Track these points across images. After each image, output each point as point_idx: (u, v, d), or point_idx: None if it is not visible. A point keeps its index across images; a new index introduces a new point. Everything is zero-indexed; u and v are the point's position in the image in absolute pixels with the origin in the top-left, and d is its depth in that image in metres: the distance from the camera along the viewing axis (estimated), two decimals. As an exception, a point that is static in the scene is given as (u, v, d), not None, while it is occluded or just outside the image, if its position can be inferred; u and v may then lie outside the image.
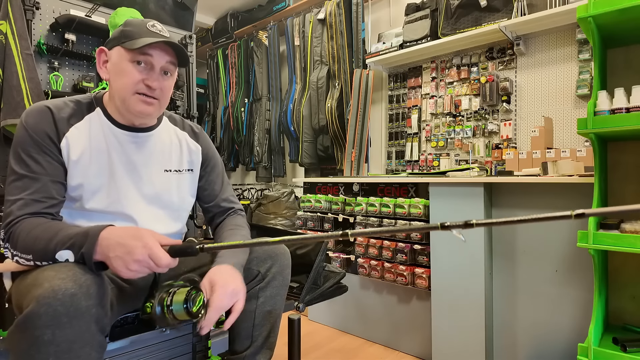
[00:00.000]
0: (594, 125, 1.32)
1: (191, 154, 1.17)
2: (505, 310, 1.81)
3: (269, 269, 1.11)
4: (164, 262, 0.79)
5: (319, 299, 1.30)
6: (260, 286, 1.11)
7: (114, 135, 1.02)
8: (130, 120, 1.03)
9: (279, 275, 1.11)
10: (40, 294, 0.71)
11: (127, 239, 0.78)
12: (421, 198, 2.00)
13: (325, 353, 2.10)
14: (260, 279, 1.11)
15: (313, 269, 1.26)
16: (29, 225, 0.85)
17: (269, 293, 1.11)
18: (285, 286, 1.15)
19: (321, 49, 3.16)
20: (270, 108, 3.71)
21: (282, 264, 1.12)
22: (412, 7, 2.67)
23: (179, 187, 1.12)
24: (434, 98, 2.68)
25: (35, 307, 0.70)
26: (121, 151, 1.02)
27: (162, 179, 1.09)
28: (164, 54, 0.98)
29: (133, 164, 1.04)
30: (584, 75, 2.08)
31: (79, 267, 0.79)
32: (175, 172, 1.12)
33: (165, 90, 1.00)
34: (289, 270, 1.14)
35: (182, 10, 2.62)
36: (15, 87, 1.88)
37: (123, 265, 0.77)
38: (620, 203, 1.56)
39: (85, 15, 2.13)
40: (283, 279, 1.12)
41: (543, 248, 1.69)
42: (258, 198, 3.85)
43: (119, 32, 0.98)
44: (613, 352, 1.28)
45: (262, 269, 1.11)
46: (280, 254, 1.13)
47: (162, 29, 1.00)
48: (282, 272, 1.12)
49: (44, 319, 0.70)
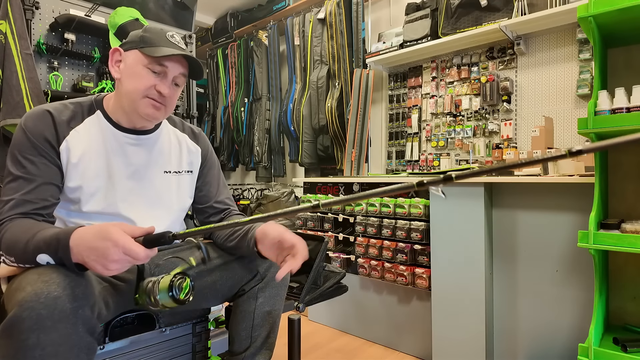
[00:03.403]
0: (595, 125, 1.32)
1: (190, 154, 1.17)
2: (506, 311, 1.81)
3: (268, 269, 1.11)
4: (141, 255, 0.76)
5: (319, 299, 1.29)
6: (259, 286, 1.10)
7: (115, 137, 1.02)
8: (132, 122, 1.03)
9: None
10: (23, 298, 0.70)
11: (96, 242, 0.75)
12: (421, 198, 2.00)
13: (325, 353, 2.10)
14: (259, 278, 1.11)
15: (313, 269, 1.26)
16: (14, 227, 0.85)
17: (268, 293, 1.10)
18: (284, 286, 1.14)
19: (321, 48, 3.16)
20: (270, 108, 3.71)
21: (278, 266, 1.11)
22: (412, 6, 2.67)
23: (179, 188, 1.13)
24: (434, 98, 2.68)
25: (18, 311, 0.70)
26: (121, 153, 1.02)
27: (162, 181, 1.09)
28: (179, 66, 1.00)
29: (133, 166, 1.04)
30: (584, 75, 2.08)
31: (63, 269, 0.78)
32: (175, 173, 1.12)
33: (173, 98, 1.02)
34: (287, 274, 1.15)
35: (181, 9, 2.62)
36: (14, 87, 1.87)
37: (102, 268, 0.75)
38: (621, 203, 1.56)
39: (84, 15, 2.13)
40: (283, 279, 1.10)
41: (543, 248, 1.69)
42: (258, 198, 3.85)
43: (138, 36, 0.99)
44: (613, 352, 1.27)
45: (261, 268, 1.11)
46: None
47: (179, 41, 1.02)
48: None
49: (27, 323, 0.69)
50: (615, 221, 1.38)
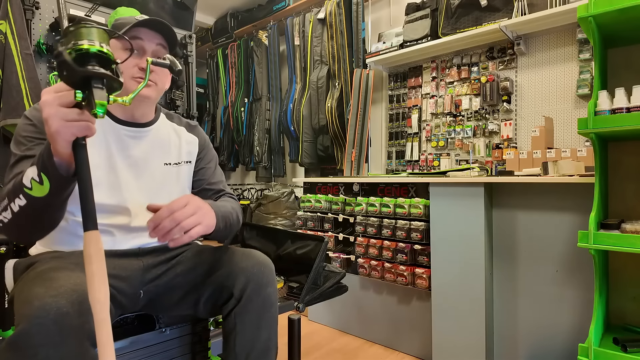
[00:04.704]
0: (595, 125, 1.31)
1: (189, 144, 1.17)
2: (506, 311, 1.81)
3: (244, 289, 0.95)
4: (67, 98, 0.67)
5: (319, 299, 1.29)
6: (236, 311, 0.95)
7: (114, 130, 1.02)
8: (130, 112, 1.03)
9: (256, 296, 0.95)
10: (32, 313, 0.70)
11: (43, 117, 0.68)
12: (421, 198, 2.00)
13: (325, 353, 2.10)
14: (235, 302, 0.95)
15: (313, 269, 1.26)
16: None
17: (248, 319, 0.95)
18: (268, 307, 0.97)
19: (321, 48, 3.16)
20: (270, 108, 3.71)
21: (259, 281, 0.96)
22: (412, 6, 2.67)
23: (179, 179, 1.13)
24: (434, 98, 2.68)
25: (27, 326, 0.69)
26: (121, 146, 1.02)
27: (162, 172, 1.09)
28: (152, 36, 0.98)
29: (133, 158, 1.04)
30: (584, 75, 2.08)
31: (69, 282, 0.76)
32: (175, 165, 1.12)
33: (160, 73, 1.01)
34: (271, 289, 0.98)
35: (181, 9, 2.62)
36: (14, 87, 1.87)
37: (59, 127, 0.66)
38: (621, 203, 1.55)
39: (85, 14, 2.13)
40: (263, 299, 0.96)
41: (543, 248, 1.69)
42: (258, 198, 3.85)
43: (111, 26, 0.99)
44: (614, 353, 1.27)
45: (236, 288, 0.95)
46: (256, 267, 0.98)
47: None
48: (260, 292, 0.96)
49: (37, 339, 0.69)
50: (616, 221, 1.38)
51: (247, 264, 0.98)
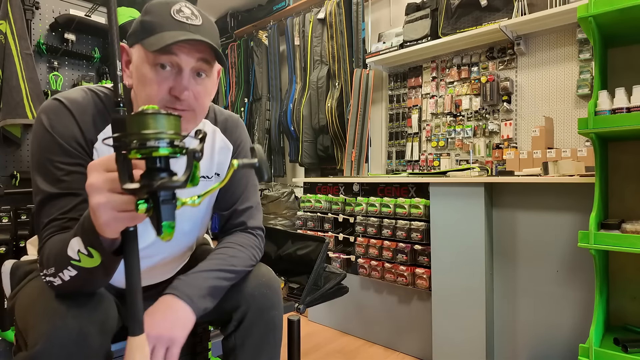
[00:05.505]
0: (595, 125, 1.31)
1: (221, 153, 0.97)
2: (506, 311, 1.80)
3: (244, 316, 0.88)
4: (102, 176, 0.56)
5: (320, 300, 1.29)
6: (237, 334, 0.88)
7: None
8: None
9: (258, 319, 0.88)
10: (53, 333, 0.66)
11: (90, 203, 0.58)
12: (422, 198, 1.99)
13: (325, 354, 2.10)
14: (234, 326, 0.88)
15: (314, 270, 1.26)
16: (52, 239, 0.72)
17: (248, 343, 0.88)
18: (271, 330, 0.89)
19: (321, 48, 3.16)
20: (270, 108, 3.71)
21: (261, 305, 0.88)
22: (412, 6, 2.67)
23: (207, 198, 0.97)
24: (434, 98, 2.67)
25: (47, 346, 0.65)
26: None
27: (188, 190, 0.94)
28: (194, 52, 0.75)
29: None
30: (584, 75, 2.07)
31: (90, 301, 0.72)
32: (203, 179, 0.94)
33: (199, 97, 0.78)
34: (275, 312, 0.90)
35: (181, 10, 2.62)
36: (14, 87, 1.87)
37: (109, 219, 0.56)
38: (621, 203, 1.55)
39: (84, 15, 2.13)
40: (266, 323, 0.89)
41: (544, 248, 1.69)
42: (258, 198, 3.85)
43: (138, 23, 0.77)
44: (614, 353, 1.27)
45: (237, 312, 0.88)
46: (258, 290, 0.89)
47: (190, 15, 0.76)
48: (263, 315, 0.88)
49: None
50: (616, 221, 1.38)
51: (250, 286, 0.90)
